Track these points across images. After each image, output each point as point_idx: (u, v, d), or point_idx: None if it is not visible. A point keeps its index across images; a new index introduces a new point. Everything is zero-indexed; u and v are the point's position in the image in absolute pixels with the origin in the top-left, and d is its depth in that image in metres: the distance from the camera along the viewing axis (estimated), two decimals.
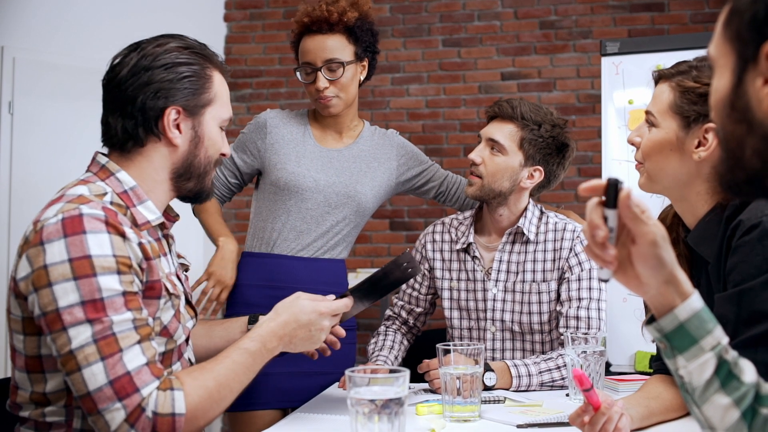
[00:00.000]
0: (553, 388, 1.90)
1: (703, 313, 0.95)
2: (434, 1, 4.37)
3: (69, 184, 1.34)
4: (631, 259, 0.96)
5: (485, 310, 2.08)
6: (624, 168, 2.91)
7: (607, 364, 2.64)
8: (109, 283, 1.20)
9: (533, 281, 2.04)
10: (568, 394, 1.81)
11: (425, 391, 1.88)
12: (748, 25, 0.82)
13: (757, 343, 1.22)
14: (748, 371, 0.95)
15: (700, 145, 1.43)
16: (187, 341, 1.45)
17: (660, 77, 1.52)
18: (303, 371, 2.00)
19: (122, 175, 1.36)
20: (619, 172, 2.95)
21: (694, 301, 0.96)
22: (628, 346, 2.82)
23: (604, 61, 3.01)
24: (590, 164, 4.11)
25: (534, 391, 1.88)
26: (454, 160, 4.26)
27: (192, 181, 1.43)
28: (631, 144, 1.57)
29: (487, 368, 1.85)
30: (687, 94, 1.45)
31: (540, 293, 2.03)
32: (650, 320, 0.99)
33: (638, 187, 1.56)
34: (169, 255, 1.44)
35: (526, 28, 4.27)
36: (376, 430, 1.14)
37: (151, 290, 1.30)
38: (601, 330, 1.96)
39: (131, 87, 1.33)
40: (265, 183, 2.15)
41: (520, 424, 1.51)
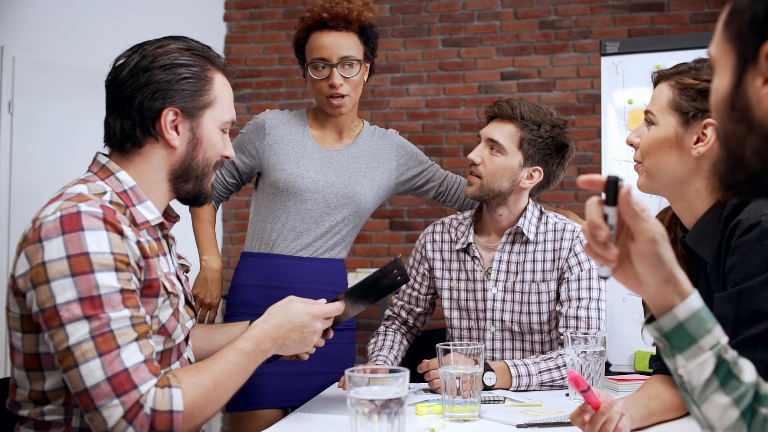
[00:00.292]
0: (552, 388, 1.90)
1: (703, 313, 0.95)
2: (434, 1, 4.37)
3: (69, 183, 1.34)
4: (630, 258, 0.96)
5: (485, 310, 2.08)
6: (624, 168, 2.91)
7: (607, 364, 2.64)
8: (107, 280, 1.20)
9: (533, 281, 2.04)
10: (567, 394, 1.81)
11: (425, 390, 1.88)
12: (748, 25, 0.82)
13: (756, 343, 1.22)
14: (748, 371, 0.95)
15: (698, 141, 1.44)
16: (186, 341, 1.45)
17: (659, 78, 1.53)
18: (302, 371, 2.00)
19: (122, 175, 1.36)
20: (619, 172, 2.95)
21: (694, 300, 0.95)
22: (628, 346, 2.82)
23: (604, 61, 3.01)
24: (590, 164, 4.11)
25: (534, 390, 1.88)
26: (453, 160, 4.26)
27: (190, 183, 1.43)
28: (630, 145, 1.57)
29: (487, 368, 1.85)
30: (686, 91, 1.46)
31: (539, 293, 2.03)
32: (649, 320, 0.99)
33: (637, 188, 1.56)
34: (169, 255, 1.44)
35: (525, 28, 4.27)
36: (376, 429, 1.14)
37: (150, 288, 1.30)
38: (601, 330, 1.96)
39: (130, 87, 1.33)
40: (264, 183, 2.15)
41: (520, 424, 1.51)
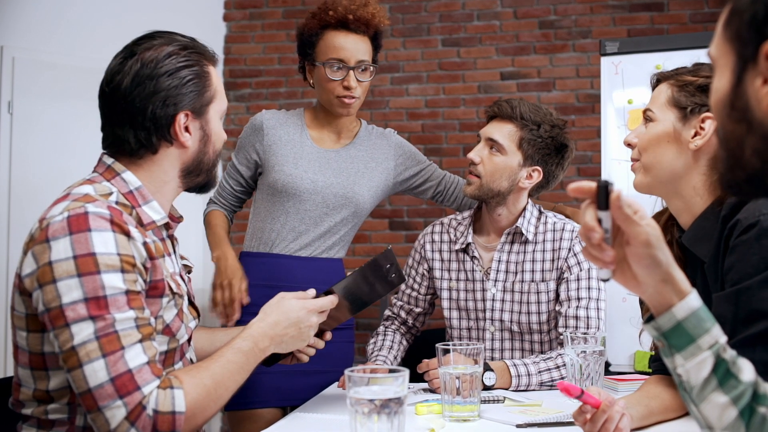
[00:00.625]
0: (552, 388, 1.90)
1: (701, 312, 0.95)
2: (434, 0, 4.37)
3: (75, 184, 1.35)
4: (627, 260, 0.96)
5: (484, 310, 2.08)
6: (623, 168, 2.91)
7: (607, 364, 2.64)
8: (113, 281, 1.20)
9: (532, 281, 2.04)
10: (568, 397, 1.81)
11: (425, 390, 1.88)
12: (748, 25, 0.82)
13: (755, 342, 1.22)
14: (747, 370, 0.95)
15: (696, 135, 1.46)
16: (189, 341, 1.46)
17: (659, 80, 1.55)
18: (301, 370, 1.99)
19: (128, 176, 1.36)
20: (619, 172, 2.95)
21: (692, 300, 0.96)
22: (628, 346, 2.82)
23: (604, 60, 3.01)
24: (590, 164, 4.11)
25: (533, 390, 1.88)
26: (453, 160, 4.25)
27: (202, 176, 1.46)
28: (628, 145, 1.57)
29: (487, 368, 1.85)
30: (685, 87, 1.48)
31: (539, 293, 2.03)
32: (649, 319, 1.00)
33: (633, 188, 1.57)
34: (173, 255, 1.46)
35: (525, 27, 4.26)
36: (376, 429, 1.14)
37: (155, 289, 1.31)
38: (601, 330, 1.96)
39: (138, 98, 1.33)
40: (263, 184, 2.15)
41: (520, 424, 1.51)
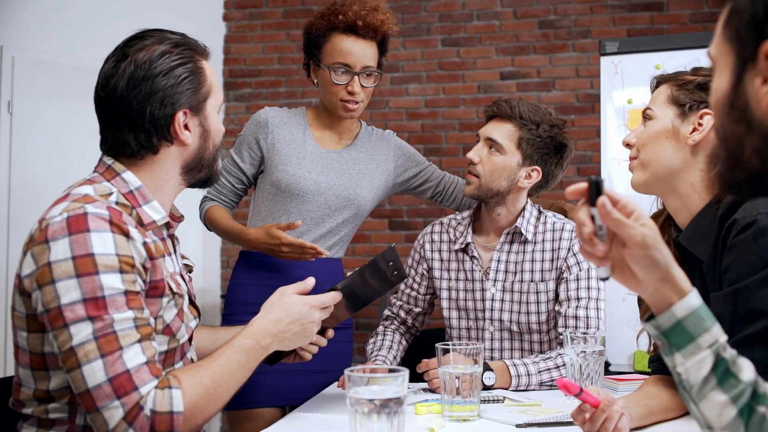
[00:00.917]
0: (552, 388, 1.89)
1: (701, 311, 0.96)
2: (433, 0, 4.37)
3: (75, 184, 1.35)
4: (625, 260, 0.97)
5: (483, 310, 2.08)
6: (623, 167, 2.91)
7: (606, 364, 2.64)
8: (111, 282, 1.20)
9: (531, 281, 2.04)
10: (567, 395, 1.81)
11: (424, 390, 1.88)
12: (747, 24, 0.82)
13: (753, 342, 1.22)
14: (747, 369, 0.95)
15: (694, 131, 1.47)
16: (190, 341, 1.46)
17: (659, 82, 1.57)
18: (301, 369, 1.99)
19: (128, 176, 1.36)
20: (619, 172, 2.95)
21: (692, 298, 0.96)
22: (627, 346, 2.82)
23: (604, 60, 3.01)
24: (589, 164, 4.11)
25: (533, 390, 1.88)
26: (453, 160, 4.25)
27: (203, 172, 1.46)
28: (627, 146, 1.58)
29: (486, 368, 1.85)
30: (685, 86, 1.50)
31: (538, 293, 2.03)
32: (649, 317, 1.00)
33: (631, 188, 1.57)
34: (174, 255, 1.45)
35: (525, 27, 4.26)
36: (375, 429, 1.14)
37: (155, 289, 1.31)
38: (600, 329, 1.96)
39: (135, 100, 1.32)
40: (264, 183, 2.15)
41: (519, 424, 1.51)
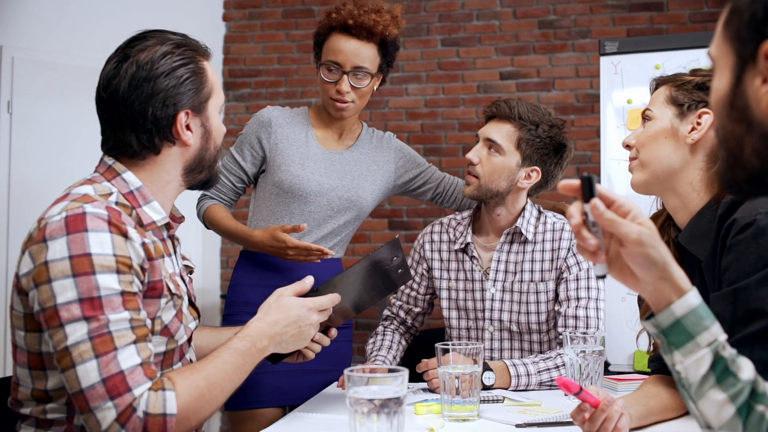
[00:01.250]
0: (552, 388, 1.90)
1: (701, 310, 0.96)
2: (433, 0, 4.37)
3: (75, 183, 1.34)
4: (624, 259, 0.97)
5: (483, 310, 2.08)
6: (623, 167, 2.91)
7: (606, 364, 2.64)
8: (108, 282, 1.20)
9: (531, 281, 2.04)
10: (566, 394, 1.81)
11: (424, 390, 1.88)
12: (747, 24, 0.82)
13: (753, 341, 1.23)
14: (747, 369, 0.96)
15: (693, 130, 1.48)
16: (189, 342, 1.45)
17: (657, 84, 1.58)
18: (301, 369, 1.99)
19: (128, 176, 1.36)
20: (618, 172, 2.95)
21: (691, 297, 0.96)
22: (627, 346, 2.82)
23: (603, 60, 3.01)
24: (589, 164, 4.11)
25: (533, 390, 1.88)
26: (452, 160, 4.25)
27: (204, 173, 1.46)
28: (626, 147, 1.58)
29: (486, 368, 1.85)
30: (683, 86, 1.51)
31: (538, 293, 2.03)
32: (649, 316, 1.00)
33: (631, 188, 1.58)
34: (174, 256, 1.45)
35: (524, 27, 4.26)
36: (375, 429, 1.14)
37: (153, 290, 1.30)
38: (600, 329, 1.96)
39: (137, 101, 1.32)
40: (266, 183, 2.14)
41: (519, 424, 1.51)
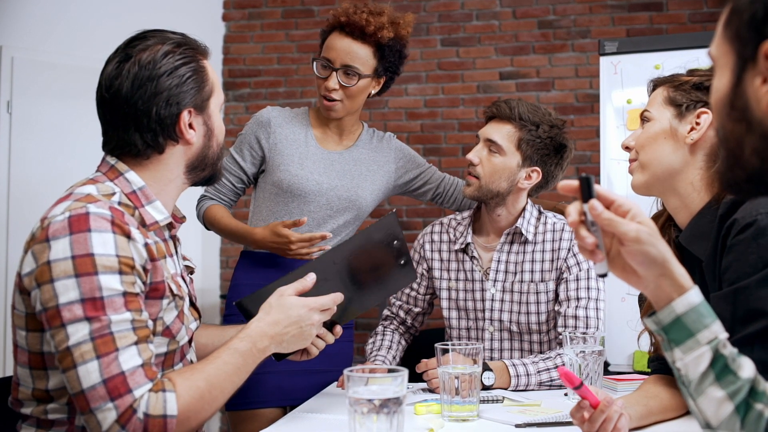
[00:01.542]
0: (551, 388, 1.90)
1: (701, 308, 0.97)
2: (432, 0, 4.37)
3: (78, 183, 1.34)
4: (624, 258, 0.98)
5: (483, 310, 2.07)
6: (622, 168, 2.90)
7: (606, 364, 2.64)
8: (110, 283, 1.20)
9: (531, 281, 2.04)
10: (566, 394, 1.81)
11: (424, 390, 1.88)
12: (747, 24, 0.83)
13: (753, 341, 1.23)
14: (747, 367, 0.96)
15: (692, 130, 1.48)
16: (190, 343, 1.45)
17: (655, 85, 1.58)
18: (302, 369, 1.99)
19: (131, 176, 1.36)
20: (618, 172, 2.95)
21: (692, 295, 0.97)
22: (627, 346, 2.82)
23: (603, 60, 3.01)
24: (589, 164, 4.11)
25: (532, 390, 1.88)
26: (452, 160, 4.25)
27: (207, 170, 1.46)
28: (626, 148, 1.58)
29: (486, 368, 1.85)
30: (681, 86, 1.52)
31: (538, 293, 2.03)
32: (651, 313, 1.01)
33: (632, 189, 1.58)
34: (175, 256, 1.45)
35: (524, 27, 4.27)
36: (375, 429, 1.14)
37: (155, 291, 1.30)
38: (600, 329, 1.96)
39: (140, 100, 1.32)
40: (266, 183, 2.14)
41: (519, 424, 1.51)
